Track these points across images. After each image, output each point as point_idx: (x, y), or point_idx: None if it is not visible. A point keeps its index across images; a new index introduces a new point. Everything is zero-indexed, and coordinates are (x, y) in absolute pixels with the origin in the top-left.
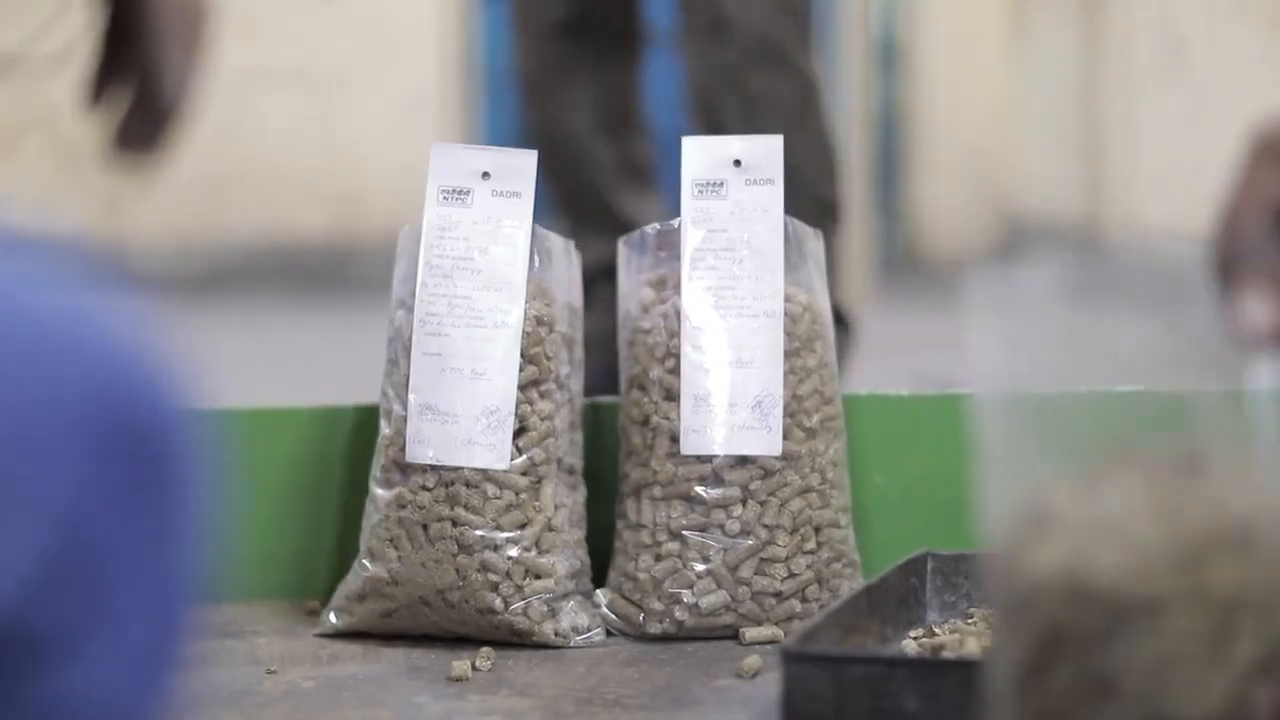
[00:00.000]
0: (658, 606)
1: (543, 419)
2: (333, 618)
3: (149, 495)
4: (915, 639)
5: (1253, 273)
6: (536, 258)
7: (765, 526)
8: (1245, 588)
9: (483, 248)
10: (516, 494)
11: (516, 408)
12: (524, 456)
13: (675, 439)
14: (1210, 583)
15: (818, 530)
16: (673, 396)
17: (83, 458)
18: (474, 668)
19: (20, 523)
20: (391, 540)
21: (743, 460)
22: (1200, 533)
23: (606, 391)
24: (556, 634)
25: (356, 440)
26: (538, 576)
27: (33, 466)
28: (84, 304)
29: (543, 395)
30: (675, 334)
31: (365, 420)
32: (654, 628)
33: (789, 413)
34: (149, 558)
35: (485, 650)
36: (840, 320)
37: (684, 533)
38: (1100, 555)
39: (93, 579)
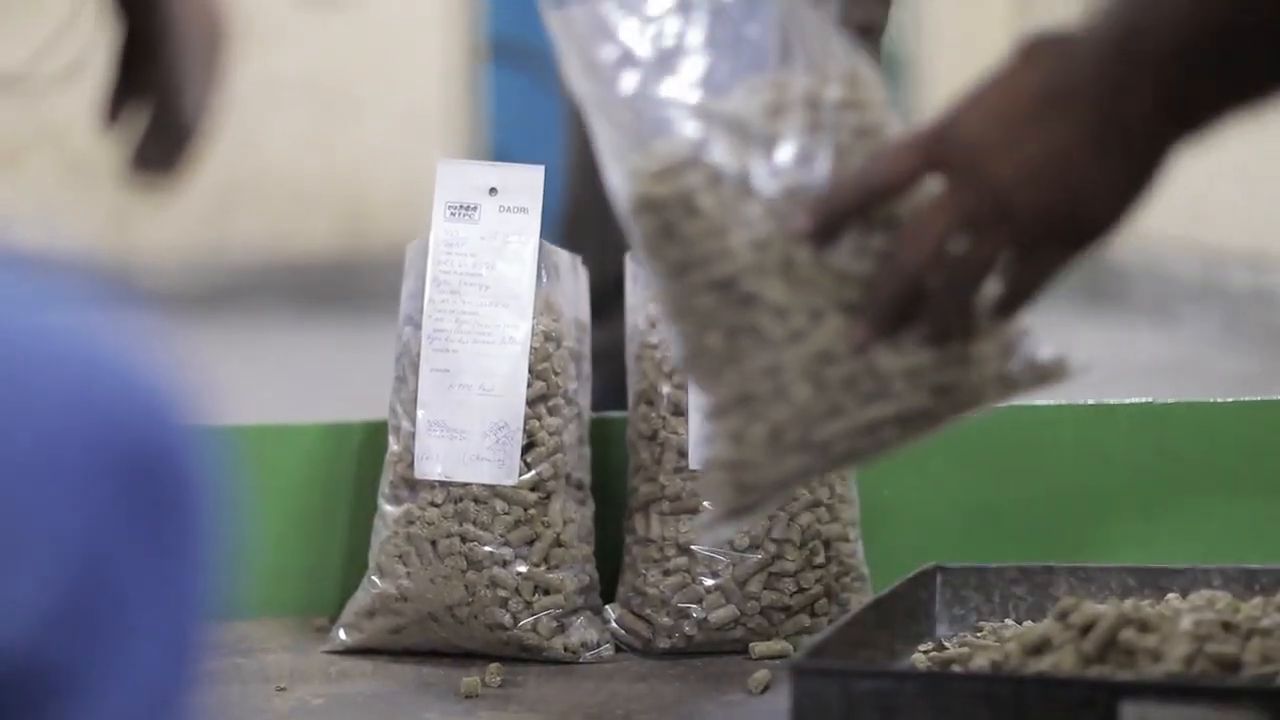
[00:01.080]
0: (666, 621)
1: (551, 434)
2: (342, 634)
3: (164, 523)
4: (924, 653)
5: None
6: (544, 273)
7: (774, 541)
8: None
9: (490, 263)
10: (525, 510)
11: (525, 423)
12: (532, 472)
13: (683, 454)
14: (717, 161)
15: (826, 544)
16: (681, 411)
17: (98, 487)
18: (483, 684)
19: (36, 556)
20: (400, 557)
21: None
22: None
23: (615, 407)
24: (566, 649)
25: (365, 457)
26: (546, 592)
27: (47, 497)
28: (94, 326)
29: (551, 411)
30: None
31: (373, 436)
32: (663, 643)
33: None
34: (165, 587)
35: (494, 666)
36: None
37: (692, 547)
38: (655, 180)
39: (110, 611)
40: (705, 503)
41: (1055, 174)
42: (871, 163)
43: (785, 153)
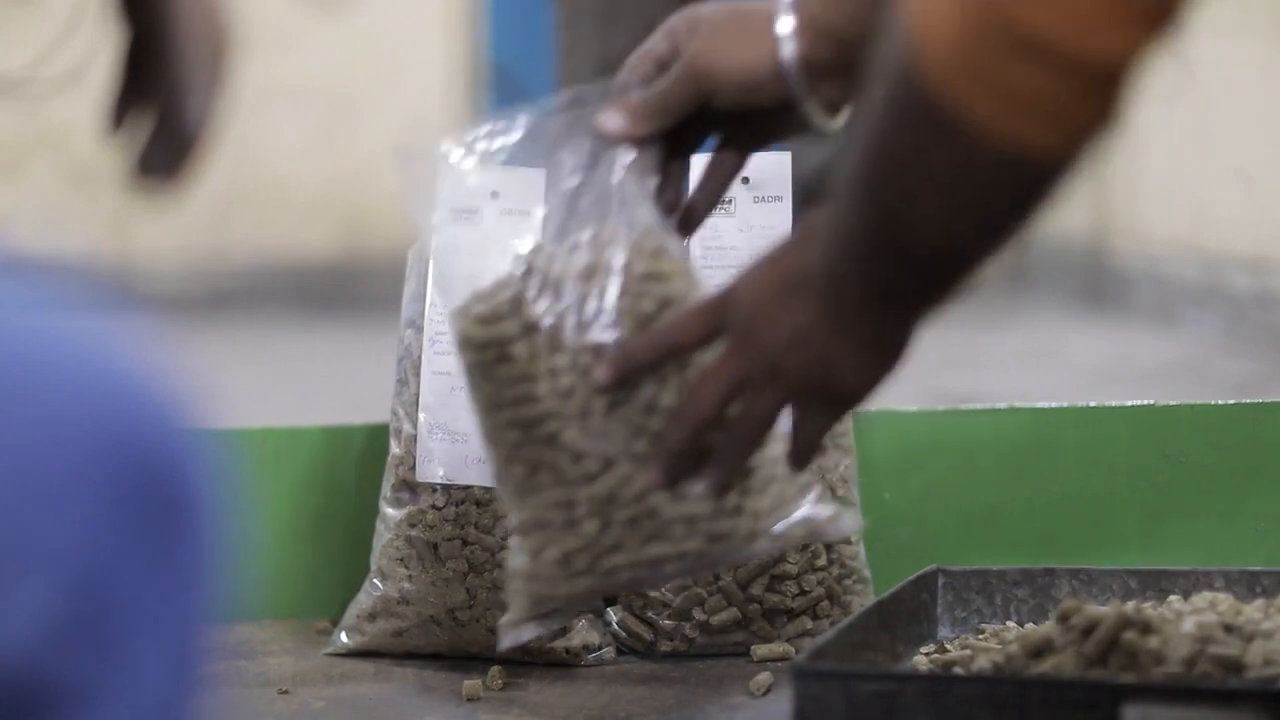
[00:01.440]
0: (668, 624)
1: None
2: (344, 637)
3: (166, 533)
4: (926, 655)
5: (618, 96)
6: None
7: None
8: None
9: (491, 267)
10: None
11: None
12: None
13: None
14: (530, 315)
15: (829, 547)
16: None
17: (98, 498)
18: (485, 687)
19: (35, 571)
20: (402, 559)
21: None
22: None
23: None
24: (567, 652)
25: (366, 460)
26: None
27: (47, 509)
28: (93, 334)
29: None
30: None
31: (375, 439)
32: (665, 646)
33: None
34: (167, 597)
35: (496, 669)
36: None
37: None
38: (476, 323)
39: (111, 623)
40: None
41: (807, 346)
42: (667, 324)
43: (594, 313)
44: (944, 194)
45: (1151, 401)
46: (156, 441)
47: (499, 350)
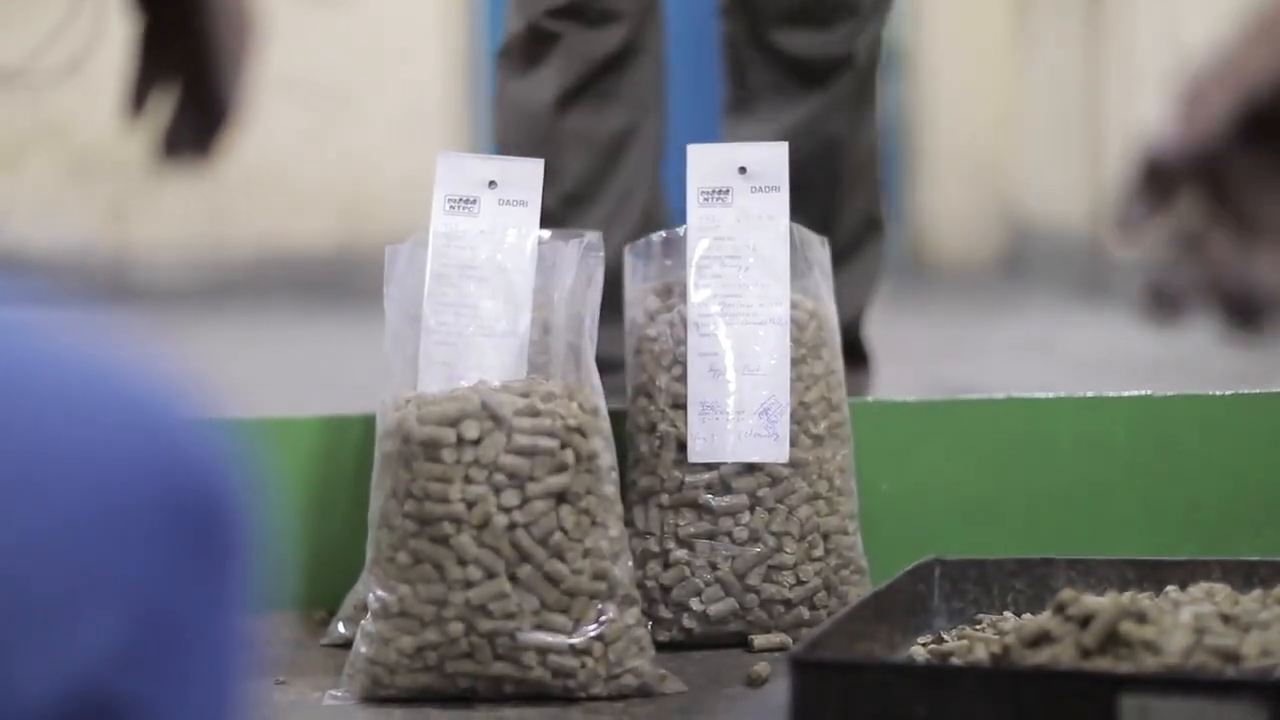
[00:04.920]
0: (666, 614)
1: None
2: (341, 627)
3: (217, 562)
4: (923, 646)
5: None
6: (543, 265)
7: (773, 534)
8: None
9: (489, 256)
10: None
11: None
12: None
13: (683, 446)
14: (464, 433)
15: (826, 537)
16: (680, 404)
17: (160, 535)
18: None
19: (105, 603)
20: None
21: (750, 468)
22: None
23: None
24: None
25: (363, 450)
26: None
27: (116, 547)
28: (148, 374)
29: None
30: (682, 342)
31: (371, 430)
32: (662, 636)
33: (796, 420)
34: (216, 619)
35: None
36: (859, 354)
37: (692, 540)
38: (419, 421)
39: (168, 648)
40: (339, 687)
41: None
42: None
43: (519, 444)
44: None
45: (1148, 392)
46: (210, 474)
47: (430, 449)
